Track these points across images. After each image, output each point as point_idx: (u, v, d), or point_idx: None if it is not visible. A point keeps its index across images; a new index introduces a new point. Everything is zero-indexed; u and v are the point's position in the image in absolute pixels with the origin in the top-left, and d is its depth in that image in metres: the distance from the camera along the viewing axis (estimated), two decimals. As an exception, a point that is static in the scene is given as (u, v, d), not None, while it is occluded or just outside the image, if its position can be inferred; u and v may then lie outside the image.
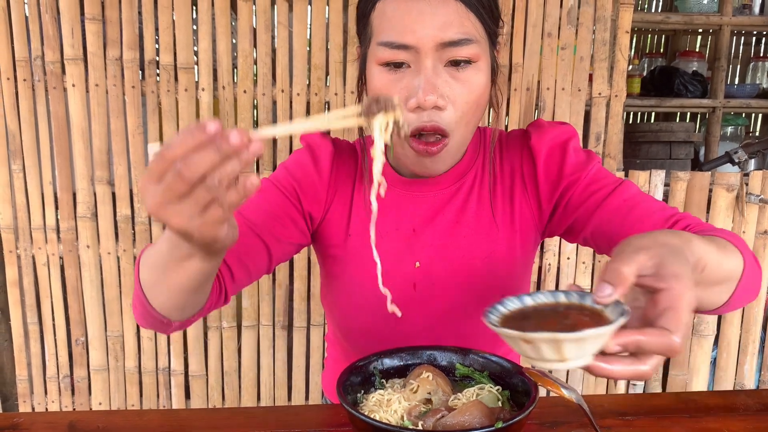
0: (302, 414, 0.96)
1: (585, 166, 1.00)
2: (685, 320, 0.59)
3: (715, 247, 0.74)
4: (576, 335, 0.56)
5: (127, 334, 2.27)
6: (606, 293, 0.61)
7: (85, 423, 0.92)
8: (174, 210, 0.60)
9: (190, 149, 0.57)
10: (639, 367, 0.60)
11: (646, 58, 3.94)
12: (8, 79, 2.09)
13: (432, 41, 0.87)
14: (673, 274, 0.61)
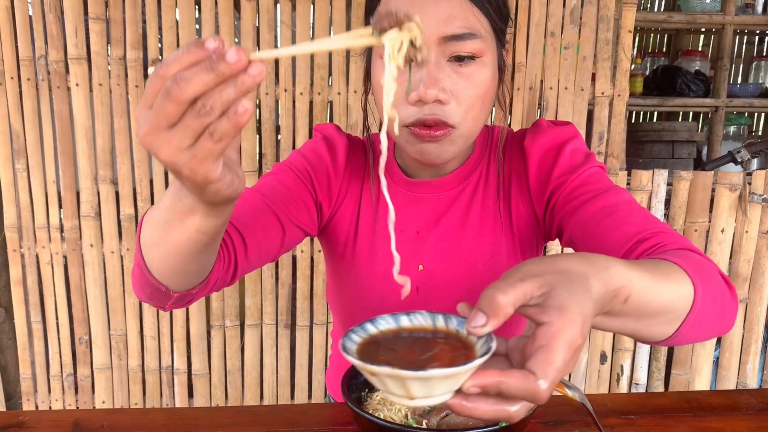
0: (307, 412, 0.96)
1: (576, 169, 0.96)
2: (559, 362, 0.52)
3: (650, 275, 0.66)
4: (419, 374, 0.51)
5: (131, 333, 2.28)
6: (478, 324, 0.55)
7: (90, 421, 0.93)
8: (163, 138, 0.52)
9: (184, 66, 0.50)
10: (505, 407, 0.55)
11: (649, 58, 3.94)
12: (12, 78, 2.10)
13: (435, 35, 0.86)
14: (557, 307, 0.54)
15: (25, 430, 0.90)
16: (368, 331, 0.62)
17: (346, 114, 2.14)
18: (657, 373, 2.30)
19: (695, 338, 0.78)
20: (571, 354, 0.54)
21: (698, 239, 2.14)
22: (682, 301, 0.70)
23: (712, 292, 0.74)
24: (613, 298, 0.61)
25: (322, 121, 2.16)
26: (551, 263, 0.59)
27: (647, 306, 0.66)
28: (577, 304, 0.55)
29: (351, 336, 0.60)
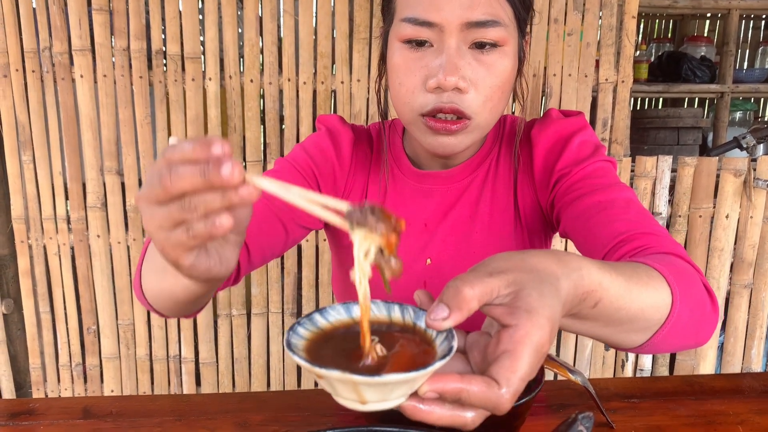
0: (313, 397, 0.97)
1: (582, 161, 0.94)
2: (524, 369, 0.49)
3: (624, 280, 0.62)
4: (373, 379, 0.47)
5: (138, 322, 2.29)
6: (439, 317, 0.51)
7: (99, 408, 0.94)
8: (149, 211, 0.53)
9: (182, 160, 0.51)
10: (461, 414, 0.51)
11: (654, 44, 3.91)
12: (17, 70, 2.11)
13: (457, 20, 0.83)
14: (526, 309, 0.51)
15: (35, 417, 0.92)
16: (317, 324, 0.57)
17: (350, 103, 2.14)
18: (662, 359, 2.31)
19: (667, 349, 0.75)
20: (537, 360, 0.50)
21: (703, 225, 2.14)
22: (656, 311, 0.67)
23: (692, 303, 0.71)
24: (581, 301, 0.59)
25: (325, 110, 2.16)
26: (521, 260, 0.56)
27: (618, 312, 0.63)
28: (546, 307, 0.52)
29: (297, 330, 0.54)
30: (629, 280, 0.63)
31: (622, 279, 0.62)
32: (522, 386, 0.50)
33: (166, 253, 0.54)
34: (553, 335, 0.52)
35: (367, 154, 1.06)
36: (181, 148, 0.50)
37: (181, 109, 2.13)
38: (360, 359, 0.51)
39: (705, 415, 0.89)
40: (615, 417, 0.88)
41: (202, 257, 0.56)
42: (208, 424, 0.89)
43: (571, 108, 2.10)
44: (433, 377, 0.49)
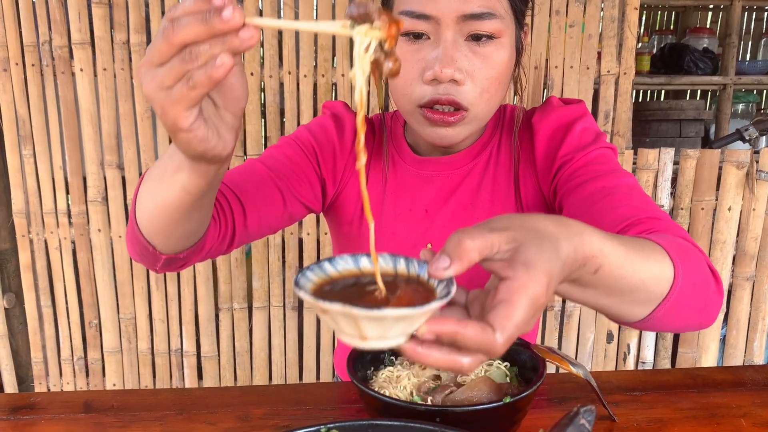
0: (314, 391, 0.97)
1: (584, 148, 0.95)
2: (519, 318, 0.51)
3: (626, 250, 0.63)
4: (372, 313, 0.49)
5: (140, 316, 2.30)
6: (441, 266, 0.54)
7: (101, 402, 0.94)
8: (151, 73, 0.54)
9: (183, 13, 0.52)
10: (457, 358, 0.53)
11: (656, 36, 3.90)
12: (17, 64, 2.10)
13: (453, 13, 0.85)
14: (523, 262, 0.53)
15: (36, 411, 0.92)
16: (326, 271, 0.59)
17: (350, 96, 2.13)
18: (664, 352, 2.31)
19: (671, 325, 0.75)
20: (533, 312, 0.52)
21: (705, 217, 2.13)
22: (658, 283, 0.67)
23: (694, 279, 0.71)
24: (582, 266, 0.59)
25: (326, 103, 2.16)
26: (523, 220, 0.58)
27: (619, 281, 0.63)
28: (544, 261, 0.53)
29: (306, 273, 0.57)
30: (631, 251, 0.64)
31: (623, 248, 0.63)
32: (516, 333, 0.52)
33: (166, 112, 0.54)
34: (550, 290, 0.54)
35: (368, 141, 1.06)
36: (183, 3, 0.51)
37: (182, 103, 2.13)
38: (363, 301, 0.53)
39: (707, 407, 0.89)
40: (617, 410, 0.87)
41: (200, 123, 0.56)
42: (209, 417, 0.89)
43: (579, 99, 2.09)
44: (431, 320, 0.51)
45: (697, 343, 2.27)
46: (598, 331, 2.27)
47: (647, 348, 2.29)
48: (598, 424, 0.84)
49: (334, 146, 1.04)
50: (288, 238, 2.23)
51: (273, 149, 1.04)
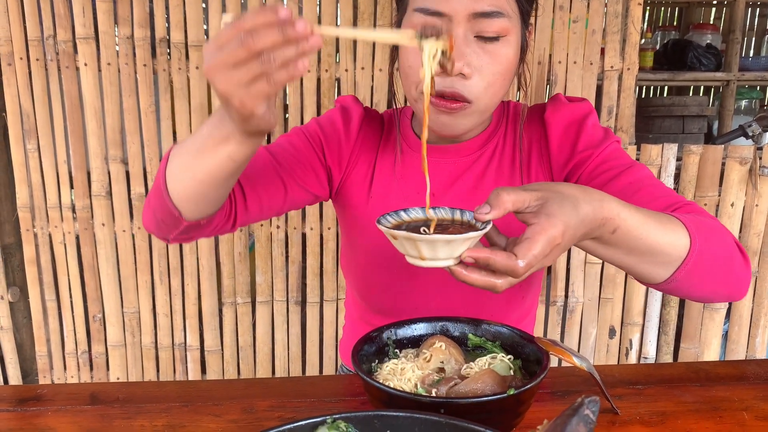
0: (318, 384, 0.98)
1: (600, 144, 1.01)
2: (537, 250, 0.69)
3: (642, 216, 0.77)
4: (426, 237, 0.70)
5: (143, 310, 2.30)
6: (483, 211, 0.73)
7: (106, 394, 0.95)
8: (226, 74, 0.66)
9: (259, 25, 0.64)
10: (492, 279, 0.72)
11: (659, 32, 3.89)
12: (21, 59, 2.11)
13: (465, 10, 0.89)
14: (546, 213, 0.71)
15: (43, 403, 0.92)
16: (401, 217, 0.80)
17: (354, 91, 2.13)
18: (666, 347, 2.31)
19: (697, 291, 0.88)
20: (549, 249, 0.70)
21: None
22: (674, 248, 0.80)
23: (715, 250, 0.83)
24: (601, 226, 0.75)
25: (330, 98, 2.16)
26: (551, 185, 0.75)
27: (635, 241, 0.78)
28: (563, 214, 0.71)
29: (387, 217, 0.79)
30: (648, 217, 0.78)
31: (640, 215, 0.77)
32: (534, 263, 0.70)
33: (244, 104, 0.68)
34: (567, 235, 0.71)
35: (376, 132, 1.12)
36: (252, 16, 0.64)
37: (186, 98, 2.13)
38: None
39: (710, 401, 0.89)
40: (620, 403, 0.88)
41: (269, 109, 0.71)
42: (214, 409, 0.89)
43: (576, 95, 2.09)
44: (472, 249, 0.72)
45: (699, 339, 2.27)
46: (601, 326, 2.28)
47: (649, 343, 2.29)
48: (601, 417, 0.85)
49: (340, 135, 1.08)
50: (291, 233, 2.24)
51: (282, 138, 1.10)
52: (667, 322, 2.28)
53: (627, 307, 2.27)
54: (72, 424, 0.86)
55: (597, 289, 2.25)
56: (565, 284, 2.25)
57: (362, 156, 1.10)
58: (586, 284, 2.24)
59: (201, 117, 2.13)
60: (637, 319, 2.27)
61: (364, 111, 1.11)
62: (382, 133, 1.13)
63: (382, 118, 1.15)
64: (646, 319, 2.28)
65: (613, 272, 2.22)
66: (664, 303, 2.26)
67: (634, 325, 2.28)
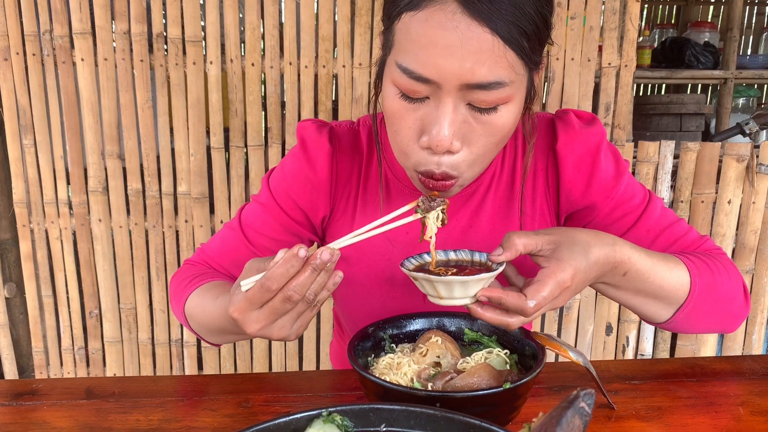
0: (314, 379, 0.98)
1: (615, 183, 0.95)
2: (547, 293, 0.74)
3: (651, 260, 0.83)
4: (442, 278, 0.75)
5: (140, 306, 2.30)
6: (496, 254, 0.78)
7: (102, 388, 0.94)
8: (277, 326, 0.74)
9: (292, 277, 0.70)
10: (505, 318, 0.76)
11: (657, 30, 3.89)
12: (17, 54, 2.10)
13: (457, 80, 0.75)
14: (557, 258, 0.76)
15: (38, 398, 0.92)
16: (424, 259, 0.85)
17: (351, 87, 2.13)
18: (663, 344, 2.31)
19: (694, 328, 0.94)
20: (559, 292, 0.75)
21: (705, 211, 2.13)
22: (676, 291, 0.86)
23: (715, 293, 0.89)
24: (613, 269, 0.80)
25: (327, 95, 2.16)
26: (566, 230, 0.80)
27: (643, 284, 0.84)
28: (573, 258, 0.76)
29: (410, 259, 0.85)
30: (656, 261, 0.84)
31: (648, 259, 0.83)
32: (543, 304, 0.74)
33: (299, 333, 0.77)
34: (576, 279, 0.76)
35: (353, 158, 1.01)
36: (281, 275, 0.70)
37: (183, 93, 2.13)
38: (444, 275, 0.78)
39: (706, 396, 0.89)
40: (616, 398, 0.88)
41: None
42: (210, 404, 0.89)
43: (574, 92, 2.09)
44: (486, 288, 0.76)
45: (695, 336, 2.27)
46: (598, 323, 2.28)
47: (646, 340, 2.30)
48: (597, 411, 0.85)
49: (311, 183, 1.00)
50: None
51: (252, 218, 1.04)
52: (663, 319, 2.28)
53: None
54: (67, 418, 0.86)
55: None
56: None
57: (341, 192, 1.01)
58: (583, 281, 2.24)
59: (198, 112, 2.13)
60: (634, 316, 2.27)
61: (331, 142, 0.99)
62: (362, 157, 1.01)
63: (357, 135, 1.02)
64: (643, 316, 2.27)
65: (610, 269, 2.22)
66: (660, 300, 2.26)
67: (630, 322, 2.28)
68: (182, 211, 2.21)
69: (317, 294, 0.73)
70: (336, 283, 0.74)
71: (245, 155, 2.18)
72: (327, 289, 0.73)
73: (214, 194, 2.20)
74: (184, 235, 2.23)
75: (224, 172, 2.18)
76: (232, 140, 2.16)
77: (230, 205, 2.21)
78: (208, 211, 2.21)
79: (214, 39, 2.09)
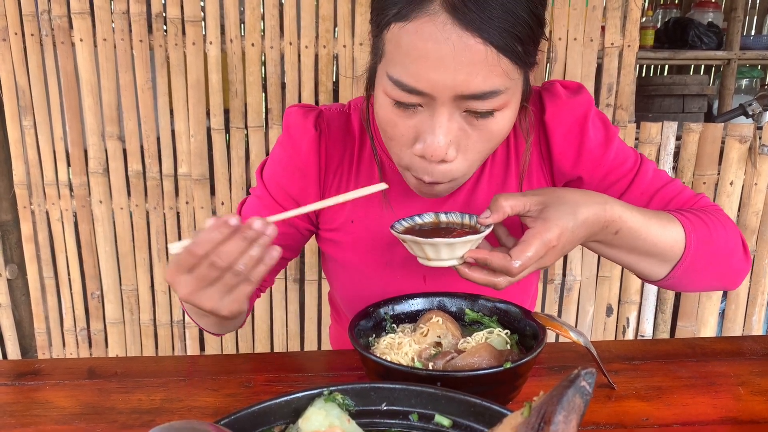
0: (316, 359, 0.98)
1: (605, 150, 0.94)
2: (531, 253, 0.75)
3: (643, 218, 0.82)
4: (429, 240, 0.77)
5: (142, 287, 2.31)
6: (484, 216, 0.78)
7: (104, 369, 0.95)
8: (206, 295, 0.70)
9: (219, 242, 0.67)
10: (492, 278, 0.78)
11: (660, 10, 3.86)
12: (16, 34, 2.08)
13: (451, 92, 0.74)
14: (543, 218, 0.76)
15: (41, 378, 0.93)
16: (415, 221, 0.87)
17: (353, 67, 2.11)
18: (663, 326, 2.32)
19: (693, 286, 0.94)
20: (544, 251, 0.76)
21: (707, 192, 2.13)
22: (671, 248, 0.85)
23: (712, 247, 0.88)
24: (604, 228, 0.80)
25: (327, 75, 2.14)
26: (553, 190, 0.80)
27: (636, 241, 0.83)
28: (559, 218, 0.76)
29: (401, 222, 0.86)
30: (648, 218, 0.83)
31: (641, 216, 0.82)
32: (528, 264, 0.75)
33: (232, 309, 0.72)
34: (562, 239, 0.76)
35: (346, 144, 0.99)
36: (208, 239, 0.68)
37: (182, 74, 2.11)
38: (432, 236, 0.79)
39: (706, 376, 0.90)
40: (616, 378, 0.88)
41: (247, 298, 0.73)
42: (212, 384, 0.90)
43: (577, 72, 2.08)
44: (473, 250, 0.78)
45: (696, 317, 2.28)
46: (598, 304, 2.28)
47: (646, 321, 2.30)
48: (597, 391, 0.85)
49: (299, 170, 0.98)
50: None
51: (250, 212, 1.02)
52: (664, 301, 2.29)
53: (624, 286, 2.28)
54: (70, 398, 0.87)
55: (594, 268, 2.25)
56: (563, 262, 2.25)
57: (335, 178, 0.99)
58: (583, 262, 2.24)
59: (198, 93, 2.11)
60: (635, 297, 2.28)
61: (317, 126, 0.97)
62: (354, 141, 0.99)
63: (348, 119, 1.00)
64: (643, 297, 2.28)
65: (611, 251, 2.22)
66: (661, 281, 2.26)
67: (631, 304, 2.28)
68: (183, 192, 2.21)
69: (250, 268, 0.69)
70: (273, 258, 0.70)
71: (246, 136, 2.17)
72: (264, 263, 0.70)
73: (214, 175, 2.20)
74: (185, 216, 2.23)
75: (225, 154, 2.17)
76: (232, 121, 2.15)
77: (231, 187, 2.20)
78: (208, 193, 2.21)
79: (213, 19, 2.08)
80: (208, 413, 0.82)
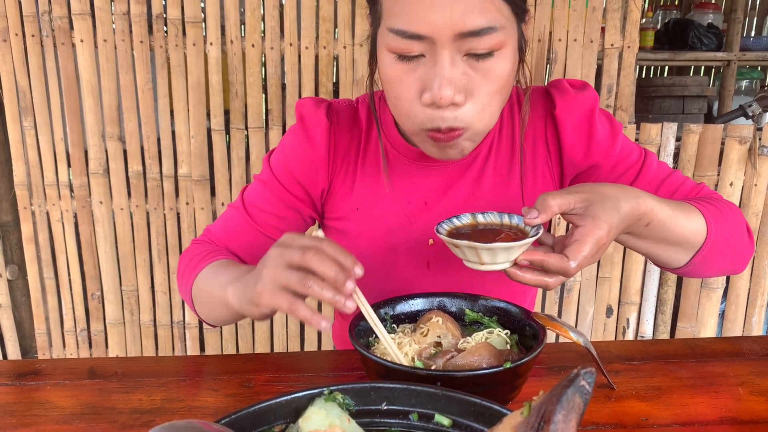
0: (316, 359, 0.98)
1: (612, 142, 0.99)
2: (586, 251, 0.76)
3: (671, 210, 0.85)
4: (488, 245, 0.77)
5: (142, 288, 2.31)
6: (532, 216, 0.78)
7: (104, 369, 0.95)
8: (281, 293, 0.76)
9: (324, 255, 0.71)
10: (545, 278, 0.79)
11: (661, 11, 3.86)
12: (16, 35, 2.09)
13: (449, 31, 0.78)
14: (591, 215, 0.77)
15: (41, 378, 0.93)
16: (454, 223, 0.87)
17: (353, 68, 2.12)
18: (663, 326, 2.32)
19: (708, 271, 0.97)
20: (596, 249, 0.77)
21: (706, 193, 2.13)
22: (694, 236, 0.89)
23: (726, 234, 0.92)
24: (637, 220, 0.82)
25: (328, 76, 2.15)
26: (594, 186, 0.82)
27: (664, 232, 0.86)
28: (606, 215, 0.78)
29: (442, 224, 0.86)
30: (675, 210, 0.86)
31: (669, 208, 0.85)
32: (584, 263, 0.77)
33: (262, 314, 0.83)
34: (611, 235, 0.79)
35: (351, 133, 1.02)
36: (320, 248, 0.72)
37: (183, 75, 2.12)
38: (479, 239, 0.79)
39: (706, 376, 0.90)
40: (616, 378, 0.88)
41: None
42: (212, 384, 0.90)
43: (576, 73, 2.08)
44: (526, 252, 0.78)
45: (696, 318, 2.28)
46: (598, 304, 2.28)
47: (646, 322, 2.30)
48: (597, 392, 0.85)
49: (310, 158, 1.01)
50: (289, 212, 2.23)
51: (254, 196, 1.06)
52: (664, 302, 2.29)
53: (624, 287, 2.28)
54: (70, 398, 0.87)
55: (595, 268, 2.26)
56: (562, 263, 2.25)
57: (340, 166, 1.02)
58: (583, 263, 2.24)
59: (198, 94, 2.12)
60: (635, 298, 2.28)
61: (329, 116, 1.01)
62: (361, 132, 1.03)
63: (356, 112, 1.04)
64: (644, 298, 2.28)
65: (611, 251, 2.22)
66: (661, 282, 2.27)
67: (631, 305, 2.28)
68: (183, 193, 2.21)
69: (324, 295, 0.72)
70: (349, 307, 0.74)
71: (246, 137, 2.17)
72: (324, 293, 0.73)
73: (215, 176, 2.20)
74: (186, 217, 2.23)
75: (225, 154, 2.18)
76: (232, 122, 2.15)
77: (231, 188, 2.20)
78: (209, 194, 2.21)
79: (214, 20, 2.08)
80: (208, 413, 0.83)
